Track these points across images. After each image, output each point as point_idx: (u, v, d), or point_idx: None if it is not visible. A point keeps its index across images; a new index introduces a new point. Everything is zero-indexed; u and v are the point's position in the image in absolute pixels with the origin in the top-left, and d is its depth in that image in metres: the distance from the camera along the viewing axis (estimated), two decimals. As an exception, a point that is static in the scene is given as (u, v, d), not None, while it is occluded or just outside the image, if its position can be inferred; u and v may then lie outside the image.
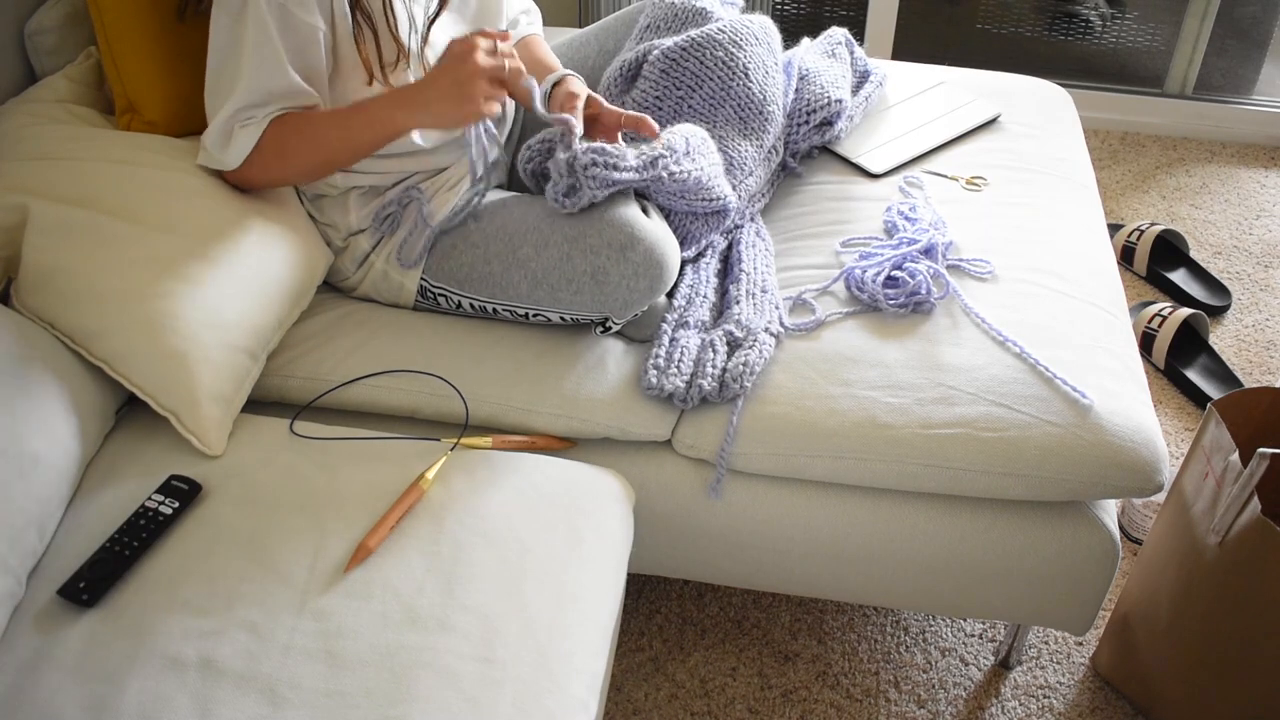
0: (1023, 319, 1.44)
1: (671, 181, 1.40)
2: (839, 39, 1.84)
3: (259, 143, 1.33)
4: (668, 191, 1.42)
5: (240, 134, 1.32)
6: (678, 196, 1.44)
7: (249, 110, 1.32)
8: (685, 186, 1.42)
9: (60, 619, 1.08)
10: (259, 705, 1.01)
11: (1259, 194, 2.58)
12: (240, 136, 1.32)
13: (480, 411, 1.38)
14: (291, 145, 1.34)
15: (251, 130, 1.32)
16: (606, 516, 1.27)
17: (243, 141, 1.32)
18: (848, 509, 1.38)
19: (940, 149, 1.78)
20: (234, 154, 1.33)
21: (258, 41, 1.28)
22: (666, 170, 1.39)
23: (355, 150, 1.35)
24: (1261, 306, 2.27)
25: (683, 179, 1.41)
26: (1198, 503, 1.39)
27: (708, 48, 1.56)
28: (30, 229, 1.26)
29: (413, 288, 1.46)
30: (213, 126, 1.33)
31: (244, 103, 1.31)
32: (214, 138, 1.33)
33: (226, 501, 1.20)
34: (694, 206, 1.47)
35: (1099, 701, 1.58)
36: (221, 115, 1.32)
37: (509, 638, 1.09)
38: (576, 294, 1.37)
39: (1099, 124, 2.80)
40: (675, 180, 1.40)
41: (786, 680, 1.60)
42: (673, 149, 1.41)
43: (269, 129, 1.33)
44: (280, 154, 1.34)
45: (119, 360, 1.24)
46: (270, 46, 1.29)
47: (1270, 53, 2.86)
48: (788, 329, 1.44)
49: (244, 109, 1.32)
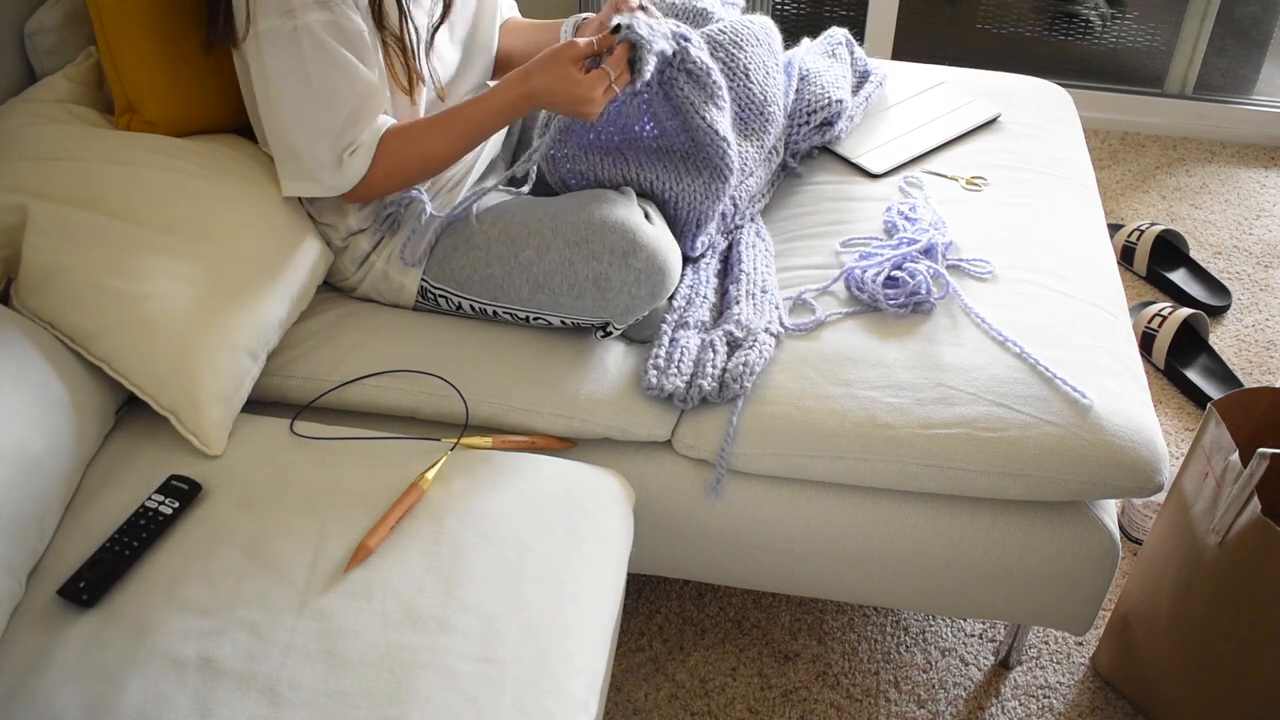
0: (1023, 319, 1.44)
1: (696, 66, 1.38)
2: (839, 39, 1.84)
3: (373, 164, 1.34)
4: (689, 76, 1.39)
5: (350, 161, 1.34)
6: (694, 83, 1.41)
7: (348, 133, 1.32)
8: (709, 77, 1.40)
9: (60, 619, 1.08)
10: (259, 705, 1.01)
11: (1259, 194, 2.58)
12: (351, 163, 1.34)
13: (480, 411, 1.38)
14: (406, 156, 1.35)
15: (361, 156, 1.34)
16: (606, 516, 1.27)
17: (357, 165, 1.34)
18: (848, 509, 1.38)
19: (940, 149, 1.78)
20: (349, 178, 1.35)
21: (322, 63, 1.28)
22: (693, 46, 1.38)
23: (473, 145, 1.38)
24: (1261, 306, 2.27)
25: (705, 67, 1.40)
26: (1198, 503, 1.39)
27: (708, 48, 1.55)
28: (30, 229, 1.26)
29: (413, 288, 1.46)
30: (313, 160, 1.33)
31: (338, 125, 1.31)
32: (324, 169, 1.33)
33: (226, 501, 1.20)
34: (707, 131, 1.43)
35: (1099, 701, 1.58)
36: (323, 150, 1.32)
37: (509, 638, 1.09)
38: (578, 299, 1.37)
39: (1099, 124, 2.80)
40: (700, 67, 1.39)
41: (786, 680, 1.60)
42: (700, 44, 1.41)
43: (380, 148, 1.34)
44: (396, 168, 1.36)
45: (119, 360, 1.24)
46: (336, 60, 1.29)
47: (1270, 53, 2.86)
48: (788, 329, 1.44)
49: (342, 132, 1.32)
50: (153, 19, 1.40)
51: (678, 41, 1.37)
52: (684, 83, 1.39)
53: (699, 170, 1.47)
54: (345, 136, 1.32)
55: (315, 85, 1.29)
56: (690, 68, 1.39)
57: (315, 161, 1.33)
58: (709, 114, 1.42)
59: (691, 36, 1.40)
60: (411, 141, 1.35)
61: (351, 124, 1.32)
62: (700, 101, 1.41)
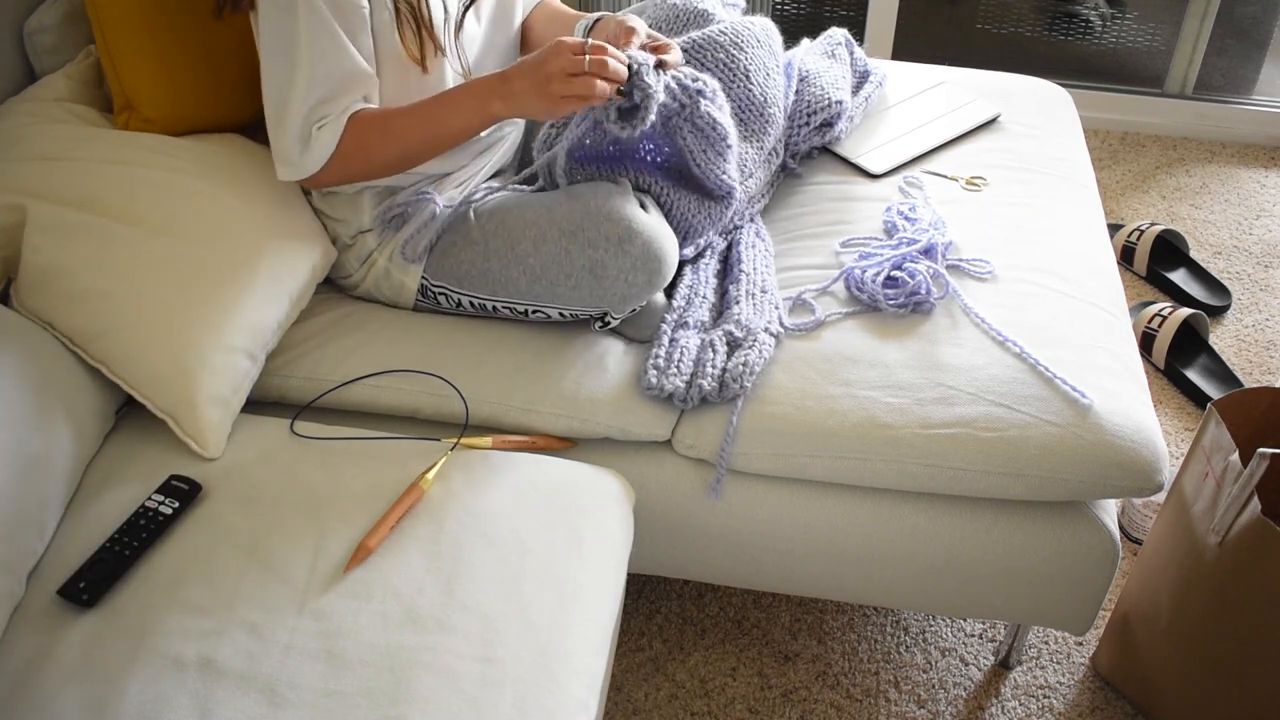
0: (1023, 319, 1.44)
1: (704, 116, 1.39)
2: (839, 39, 1.84)
3: (339, 143, 1.32)
4: (694, 128, 1.40)
5: (320, 135, 1.31)
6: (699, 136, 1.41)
7: (322, 106, 1.31)
8: (714, 131, 1.41)
9: (60, 619, 1.08)
10: (259, 705, 1.01)
11: (1259, 194, 2.58)
12: (320, 138, 1.31)
13: (480, 411, 1.38)
14: (374, 142, 1.33)
15: (330, 129, 1.31)
16: (606, 516, 1.27)
17: (324, 142, 1.31)
18: (848, 509, 1.38)
19: (940, 149, 1.78)
20: (316, 156, 1.32)
21: (314, 30, 1.27)
22: (706, 100, 1.38)
23: (441, 143, 1.35)
24: (1261, 306, 2.27)
25: (713, 119, 1.40)
26: (1198, 503, 1.39)
27: (709, 49, 1.56)
28: (30, 229, 1.26)
29: (413, 286, 1.46)
30: (287, 133, 1.31)
31: (315, 98, 1.30)
32: (291, 143, 1.32)
33: (226, 501, 1.20)
34: (706, 172, 1.44)
35: (1099, 701, 1.58)
36: (294, 117, 1.30)
37: (509, 638, 1.09)
38: (575, 289, 1.37)
39: (1099, 124, 2.80)
40: (706, 121, 1.39)
41: (786, 680, 1.60)
42: (715, 92, 1.40)
43: (348, 128, 1.32)
44: (362, 152, 1.34)
45: (117, 361, 1.24)
46: (328, 31, 1.27)
47: (1270, 53, 2.86)
48: (787, 329, 1.44)
49: (316, 105, 1.30)
50: (151, 17, 1.40)
51: (690, 96, 1.37)
52: (688, 132, 1.41)
53: (701, 190, 1.48)
54: (320, 110, 1.31)
55: (302, 53, 1.28)
56: (698, 121, 1.39)
57: (290, 135, 1.32)
58: (706, 160, 1.44)
59: (710, 90, 1.40)
60: (390, 120, 1.33)
61: (329, 99, 1.31)
62: (700, 150, 1.42)
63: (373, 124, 1.33)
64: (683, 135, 1.41)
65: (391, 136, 1.34)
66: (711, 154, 1.43)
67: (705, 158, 1.44)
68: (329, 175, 1.36)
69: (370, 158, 1.35)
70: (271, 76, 1.31)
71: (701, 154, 1.43)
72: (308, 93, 1.29)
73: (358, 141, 1.33)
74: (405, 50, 1.35)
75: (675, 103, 1.37)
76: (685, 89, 1.37)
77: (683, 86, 1.37)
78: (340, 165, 1.35)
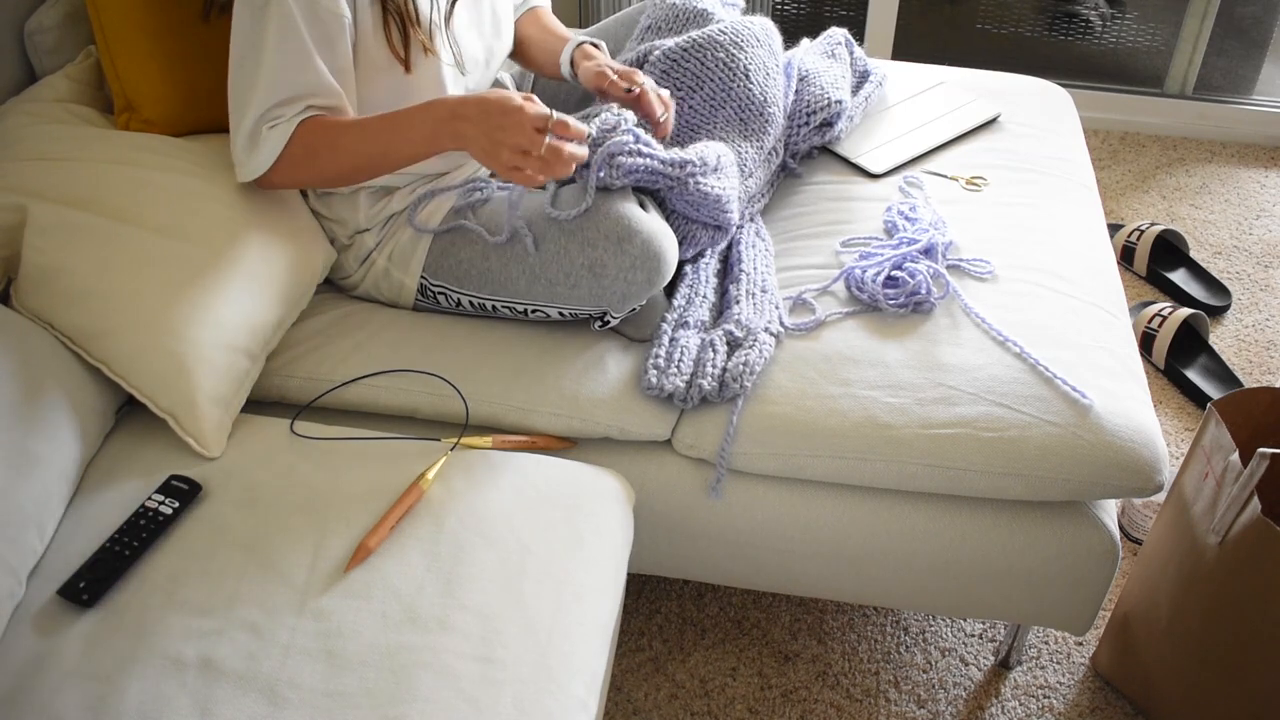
0: (1023, 319, 1.44)
1: (694, 192, 1.41)
2: (839, 39, 1.84)
3: (287, 147, 1.30)
4: (686, 199, 1.43)
5: (269, 135, 1.30)
6: (692, 207, 1.44)
7: (276, 110, 1.29)
8: (705, 200, 1.43)
9: (60, 619, 1.08)
10: (259, 705, 1.01)
11: (1259, 194, 2.58)
12: (268, 139, 1.30)
13: (480, 411, 1.38)
14: (322, 151, 1.31)
15: (280, 131, 1.30)
16: (606, 516, 1.27)
17: (271, 144, 1.30)
18: (848, 509, 1.38)
19: (940, 149, 1.78)
20: (262, 158, 1.31)
21: (282, 35, 1.26)
22: (693, 178, 1.40)
23: (390, 162, 1.32)
24: (1261, 306, 2.27)
25: (704, 193, 1.42)
26: (1198, 503, 1.39)
27: (709, 49, 1.56)
28: (30, 229, 1.26)
29: (413, 285, 1.46)
30: (238, 131, 1.30)
31: (270, 101, 1.28)
32: (241, 141, 1.31)
33: (226, 501, 1.20)
34: (701, 218, 1.47)
35: (1099, 701, 1.58)
36: (248, 117, 1.29)
37: (509, 638, 1.09)
38: (574, 288, 1.37)
39: (1099, 124, 2.80)
40: (698, 192, 1.41)
41: (786, 680, 1.60)
42: (704, 161, 1.41)
43: (298, 132, 1.30)
44: (310, 159, 1.32)
45: (118, 361, 1.24)
46: (296, 39, 1.27)
47: (1270, 53, 2.86)
48: (788, 329, 1.45)
49: (271, 109, 1.29)
50: (151, 18, 1.40)
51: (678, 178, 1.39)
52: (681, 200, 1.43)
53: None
54: (273, 113, 1.29)
55: (264, 53, 1.27)
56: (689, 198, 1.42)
57: (241, 135, 1.30)
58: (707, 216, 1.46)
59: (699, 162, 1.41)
60: (340, 133, 1.31)
61: (285, 104, 1.30)
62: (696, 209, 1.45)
63: (323, 133, 1.31)
64: (680, 200, 1.44)
65: (340, 149, 1.32)
66: (712, 211, 1.46)
67: (703, 215, 1.47)
68: (278, 177, 1.34)
69: (319, 165, 1.33)
70: (235, 79, 1.30)
71: (695, 212, 1.46)
72: (265, 96, 1.28)
73: (306, 148, 1.31)
74: (390, 49, 1.34)
75: (667, 180, 1.39)
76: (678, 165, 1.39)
77: (674, 164, 1.38)
78: (288, 169, 1.33)
